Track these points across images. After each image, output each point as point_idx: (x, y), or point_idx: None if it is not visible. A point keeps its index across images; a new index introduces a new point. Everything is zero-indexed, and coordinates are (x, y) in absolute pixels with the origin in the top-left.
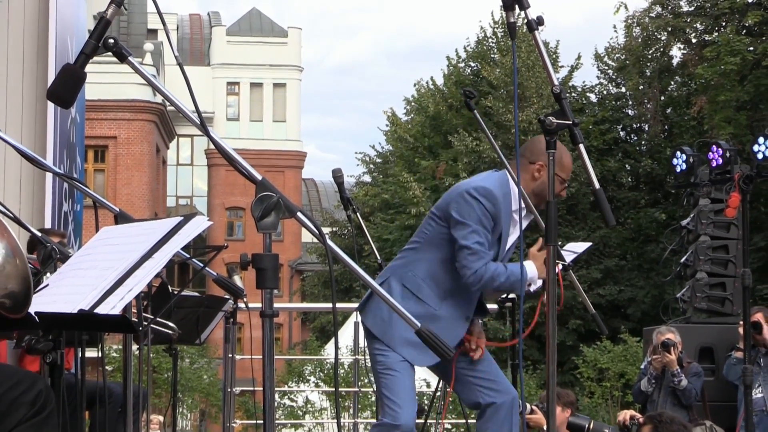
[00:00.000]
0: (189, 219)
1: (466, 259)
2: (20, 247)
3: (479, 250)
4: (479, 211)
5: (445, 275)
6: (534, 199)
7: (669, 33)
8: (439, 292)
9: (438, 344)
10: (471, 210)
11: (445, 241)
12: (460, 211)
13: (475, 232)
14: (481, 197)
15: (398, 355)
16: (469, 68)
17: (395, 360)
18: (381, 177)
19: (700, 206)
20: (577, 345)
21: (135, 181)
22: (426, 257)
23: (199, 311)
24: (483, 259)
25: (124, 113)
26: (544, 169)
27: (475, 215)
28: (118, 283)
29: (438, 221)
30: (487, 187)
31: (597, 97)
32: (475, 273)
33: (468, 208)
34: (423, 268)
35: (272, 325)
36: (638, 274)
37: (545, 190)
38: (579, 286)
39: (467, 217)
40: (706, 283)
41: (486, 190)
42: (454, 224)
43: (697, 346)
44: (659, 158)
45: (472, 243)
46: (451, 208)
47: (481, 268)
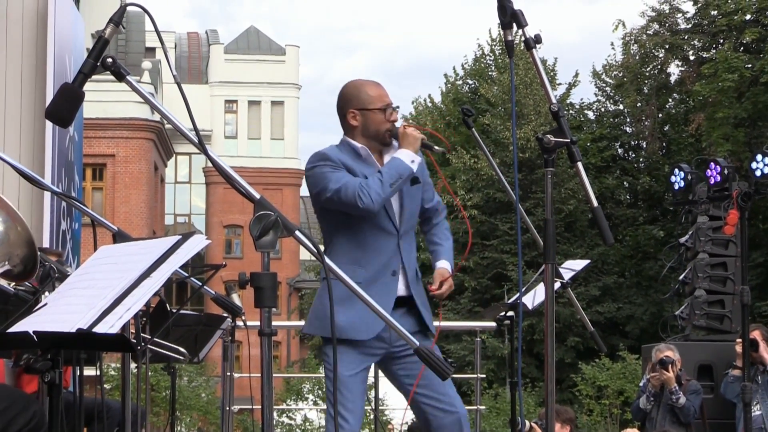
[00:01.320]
0: (187, 238)
1: (345, 196)
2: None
3: (345, 180)
4: (320, 169)
5: (352, 248)
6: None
7: (666, 50)
8: (356, 264)
9: (437, 363)
10: (315, 176)
11: (333, 220)
12: (313, 184)
13: (330, 179)
14: (315, 162)
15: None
16: (467, 86)
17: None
18: None
19: (699, 223)
20: (576, 362)
21: (133, 199)
22: (333, 246)
23: (197, 330)
24: (354, 181)
25: (122, 131)
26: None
27: (320, 173)
28: (116, 302)
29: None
30: (315, 154)
31: (595, 114)
32: (360, 195)
33: (313, 177)
34: (336, 254)
35: (270, 343)
36: (637, 292)
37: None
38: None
39: (319, 180)
40: (705, 300)
41: (315, 156)
42: (319, 197)
43: (695, 364)
44: (657, 175)
45: (335, 185)
46: (311, 194)
47: (360, 188)
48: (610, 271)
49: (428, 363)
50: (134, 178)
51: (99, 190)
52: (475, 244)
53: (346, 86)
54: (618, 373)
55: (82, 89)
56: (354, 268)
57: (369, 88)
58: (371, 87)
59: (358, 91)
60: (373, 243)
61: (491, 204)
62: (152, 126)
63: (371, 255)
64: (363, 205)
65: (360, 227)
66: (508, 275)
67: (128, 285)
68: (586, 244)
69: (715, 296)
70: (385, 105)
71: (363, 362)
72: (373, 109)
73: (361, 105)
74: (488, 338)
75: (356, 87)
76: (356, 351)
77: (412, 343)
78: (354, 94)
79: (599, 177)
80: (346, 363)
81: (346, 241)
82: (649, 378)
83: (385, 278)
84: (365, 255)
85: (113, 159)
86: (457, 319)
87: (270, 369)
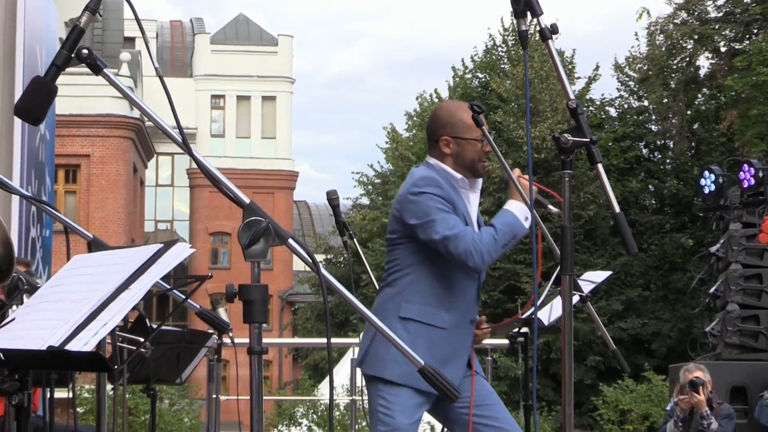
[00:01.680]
0: (169, 246)
1: (455, 248)
2: None
3: (459, 230)
4: (432, 201)
5: (438, 288)
6: (464, 171)
7: (695, 41)
8: (442, 306)
9: (443, 384)
10: (424, 205)
11: (421, 254)
12: (416, 213)
13: (442, 220)
14: (425, 187)
15: (404, 396)
16: (477, 80)
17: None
18: (380, 199)
19: (731, 231)
20: (597, 384)
21: (110, 203)
22: (410, 281)
23: (180, 347)
24: (467, 234)
25: (98, 129)
26: (451, 141)
27: (431, 206)
28: (91, 316)
29: (400, 242)
30: (424, 176)
31: (617, 111)
32: (473, 252)
33: (420, 205)
34: (414, 292)
35: (261, 362)
36: (663, 306)
37: (467, 157)
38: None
39: (426, 214)
40: (738, 315)
41: (425, 179)
42: (419, 229)
43: (728, 385)
44: (685, 178)
45: (447, 231)
46: (406, 219)
47: (473, 244)
48: (633, 284)
49: (434, 384)
50: (111, 181)
51: (72, 193)
52: None
53: (441, 109)
54: (643, 396)
55: (54, 83)
56: (438, 312)
57: (466, 115)
58: (468, 114)
59: (453, 117)
60: (460, 286)
61: None
62: (131, 123)
63: (457, 299)
64: (474, 264)
65: (446, 266)
66: (522, 288)
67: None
68: (607, 254)
69: (750, 311)
70: (481, 136)
71: (421, 408)
72: (469, 139)
73: (457, 133)
74: (500, 357)
75: (451, 112)
76: (418, 397)
77: (417, 363)
78: (449, 120)
79: (622, 180)
80: (406, 408)
81: (431, 279)
82: (677, 401)
83: (465, 327)
84: (451, 298)
85: (88, 159)
86: None
87: (260, 391)
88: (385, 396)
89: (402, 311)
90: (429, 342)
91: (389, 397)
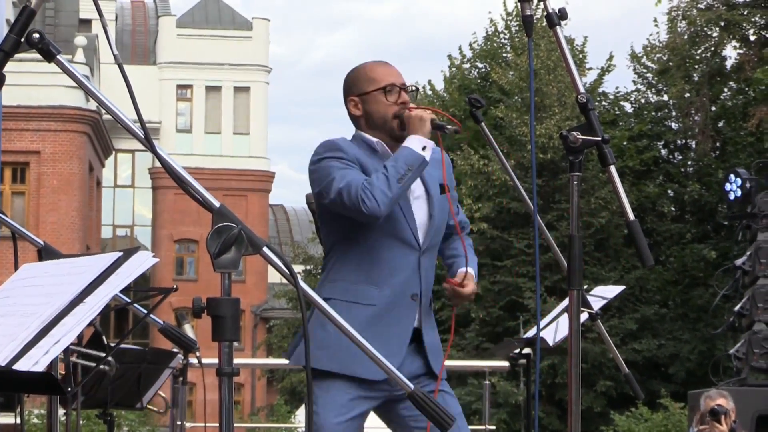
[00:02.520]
0: (130, 255)
1: (348, 198)
2: None
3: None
4: (331, 162)
5: (365, 263)
6: (380, 134)
7: (721, 28)
8: (372, 281)
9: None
10: (322, 170)
11: (341, 229)
12: (316, 181)
13: (336, 177)
14: (323, 153)
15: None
16: (476, 70)
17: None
18: None
19: (759, 242)
20: (607, 412)
21: (63, 206)
22: (336, 260)
23: (140, 368)
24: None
25: (49, 123)
26: (357, 100)
27: (329, 167)
28: (42, 333)
29: (320, 221)
30: (323, 143)
31: (633, 106)
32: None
33: (318, 172)
34: (339, 270)
35: (231, 385)
36: (682, 325)
37: (376, 114)
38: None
39: (324, 177)
40: (766, 336)
41: (323, 145)
42: (322, 197)
43: (754, 414)
44: (709, 182)
45: (338, 184)
46: (313, 193)
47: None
48: (649, 300)
49: (425, 411)
50: (64, 181)
51: (20, 194)
52: (484, 265)
53: (349, 72)
54: (659, 425)
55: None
56: (366, 289)
57: (370, 68)
58: (373, 66)
59: (357, 74)
60: (390, 258)
61: (504, 216)
62: (87, 116)
63: (388, 273)
64: (367, 209)
65: (374, 238)
66: (525, 304)
67: (57, 312)
68: (620, 267)
69: None
70: (387, 84)
71: (358, 406)
72: (371, 91)
73: (360, 89)
74: (499, 381)
75: (356, 70)
76: (354, 391)
77: (405, 387)
78: (353, 78)
79: (638, 184)
80: (337, 406)
81: (356, 254)
82: (697, 431)
83: (404, 303)
84: (380, 273)
85: (38, 157)
86: (461, 358)
87: (230, 417)
88: (315, 390)
89: (324, 291)
90: (357, 322)
91: (317, 391)
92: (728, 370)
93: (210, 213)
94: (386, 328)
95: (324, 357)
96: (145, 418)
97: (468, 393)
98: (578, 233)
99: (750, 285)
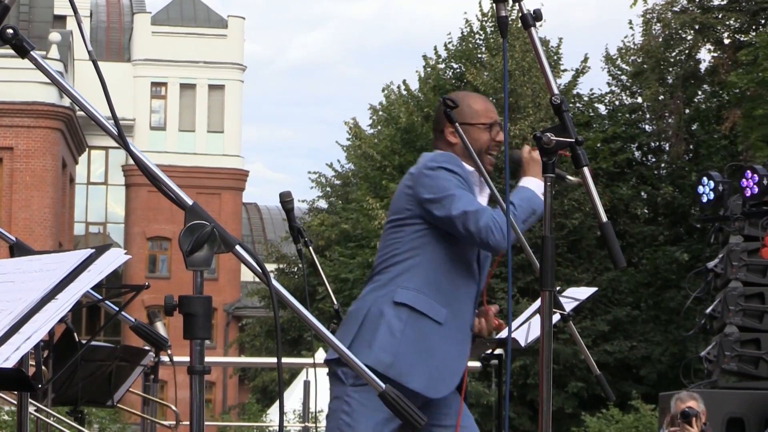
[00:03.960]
0: (102, 252)
1: (475, 223)
2: None
3: (478, 206)
4: (451, 176)
5: (439, 278)
6: (473, 164)
7: (696, 32)
8: (440, 300)
9: (407, 410)
10: (442, 179)
11: (427, 237)
12: (433, 188)
13: (462, 195)
14: (444, 163)
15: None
16: (451, 70)
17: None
18: (340, 203)
19: (731, 245)
20: (578, 413)
21: (35, 203)
22: (409, 266)
23: (112, 365)
24: (487, 210)
25: (22, 119)
26: (457, 132)
27: (450, 180)
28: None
29: (407, 222)
30: (444, 153)
31: (607, 108)
32: (493, 228)
33: (438, 180)
34: (413, 278)
35: (203, 383)
36: (654, 327)
37: (475, 145)
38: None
39: (445, 188)
40: (737, 339)
41: (444, 156)
42: (435, 204)
43: (724, 417)
44: (682, 185)
45: (468, 206)
46: (420, 194)
47: (493, 220)
48: (621, 302)
49: (396, 410)
50: (37, 177)
51: None
52: None
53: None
54: (630, 427)
55: None
56: (436, 304)
57: (473, 101)
58: (476, 100)
59: (460, 103)
60: (462, 282)
61: None
62: (60, 113)
63: (457, 296)
64: (495, 242)
65: (452, 258)
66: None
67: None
68: (593, 268)
69: (750, 334)
70: (491, 121)
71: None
72: (476, 124)
73: (464, 119)
74: (471, 382)
75: (459, 98)
76: None
77: (377, 387)
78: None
79: (611, 186)
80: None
81: (434, 266)
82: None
83: (463, 330)
84: (451, 293)
85: (11, 153)
86: None
87: (201, 416)
88: (351, 395)
89: (397, 296)
90: (421, 333)
91: (355, 395)
92: (699, 372)
93: (183, 211)
94: (447, 350)
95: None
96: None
97: None
98: (551, 234)
99: (722, 288)
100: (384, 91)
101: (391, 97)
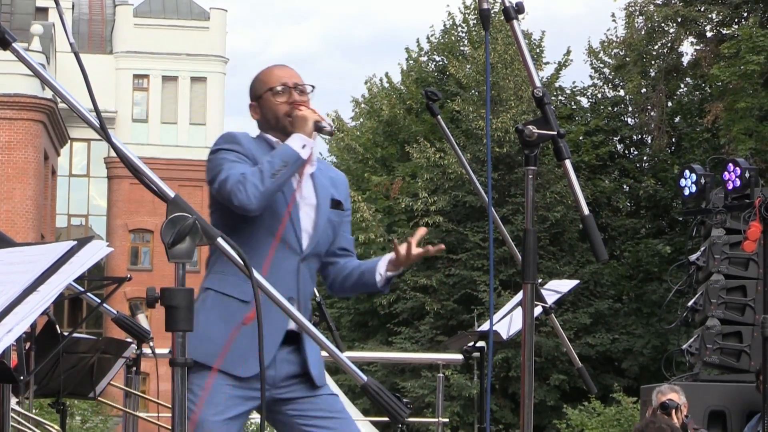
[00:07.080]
0: (84, 244)
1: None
2: None
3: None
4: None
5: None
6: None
7: (678, 24)
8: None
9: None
10: (216, 161)
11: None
12: (209, 171)
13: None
14: (221, 144)
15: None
16: (434, 63)
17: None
18: None
19: (713, 238)
20: (560, 405)
21: (17, 194)
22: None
23: (93, 357)
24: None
25: (4, 111)
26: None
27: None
28: None
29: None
30: (223, 134)
31: (589, 101)
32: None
33: (212, 162)
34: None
35: (185, 375)
36: (636, 320)
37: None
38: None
39: (214, 168)
40: (719, 332)
41: (223, 137)
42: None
43: (706, 409)
44: (664, 178)
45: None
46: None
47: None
48: (603, 295)
49: (379, 403)
50: (19, 169)
51: None
52: (440, 258)
53: None
54: (611, 420)
55: None
56: (241, 283)
57: (264, 72)
58: (267, 70)
59: (254, 79)
60: (270, 257)
61: (460, 209)
62: (42, 105)
63: (268, 271)
64: (238, 201)
65: (258, 235)
66: (479, 297)
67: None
68: (575, 261)
69: (731, 327)
70: (279, 84)
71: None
72: (263, 93)
73: (255, 93)
74: (453, 374)
75: (255, 76)
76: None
77: (358, 379)
78: (251, 84)
79: (593, 179)
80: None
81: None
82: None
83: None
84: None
85: None
86: (415, 350)
87: (183, 407)
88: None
89: (206, 282)
90: (226, 313)
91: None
92: (681, 365)
93: (165, 203)
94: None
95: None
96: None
97: (421, 386)
98: (533, 227)
99: (703, 280)
100: (366, 83)
101: (374, 90)
